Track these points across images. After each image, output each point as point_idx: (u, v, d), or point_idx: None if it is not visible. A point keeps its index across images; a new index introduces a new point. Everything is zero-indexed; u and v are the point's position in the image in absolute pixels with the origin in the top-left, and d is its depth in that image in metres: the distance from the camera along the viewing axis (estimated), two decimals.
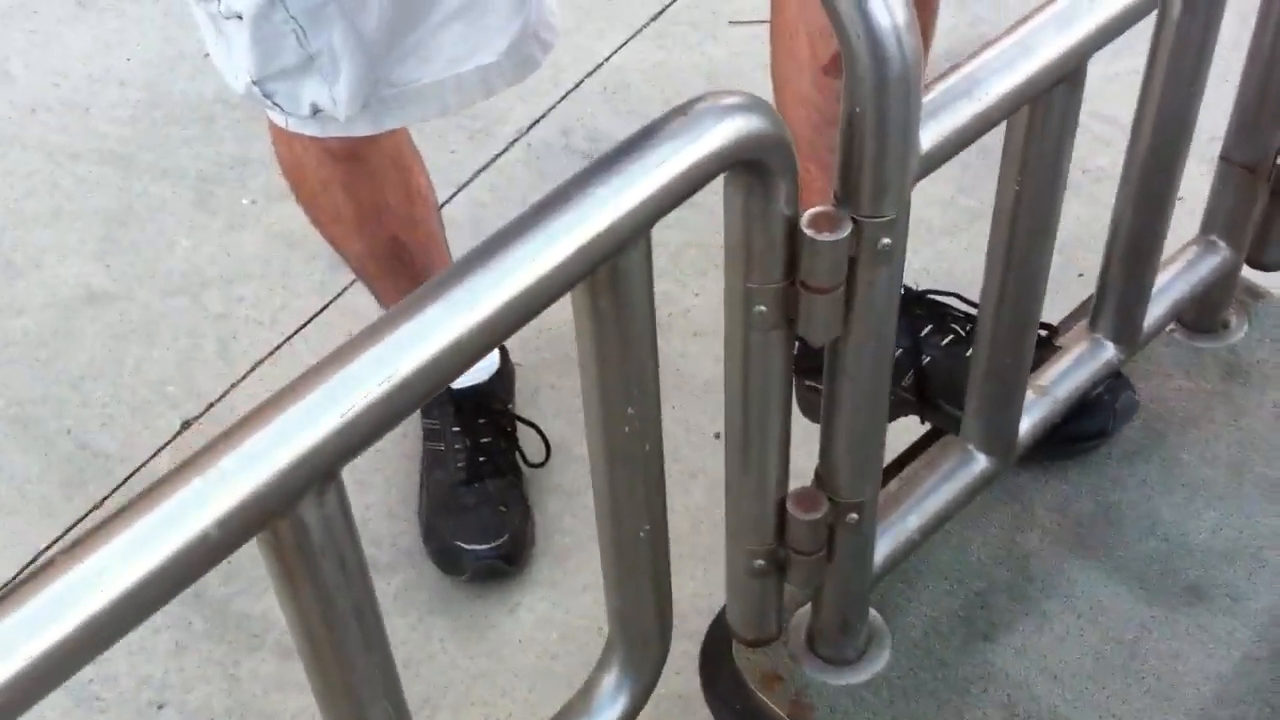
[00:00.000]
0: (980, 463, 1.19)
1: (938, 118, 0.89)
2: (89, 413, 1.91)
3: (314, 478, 0.66)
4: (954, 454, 1.19)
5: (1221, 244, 1.34)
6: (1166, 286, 1.31)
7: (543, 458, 1.73)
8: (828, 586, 1.12)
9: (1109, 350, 1.26)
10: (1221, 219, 1.33)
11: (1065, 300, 1.41)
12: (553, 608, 1.66)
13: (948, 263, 1.98)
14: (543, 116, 2.27)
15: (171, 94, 2.37)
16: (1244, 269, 1.39)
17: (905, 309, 1.37)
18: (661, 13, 2.43)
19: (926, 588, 1.24)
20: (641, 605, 1.00)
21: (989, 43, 0.92)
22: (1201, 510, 1.28)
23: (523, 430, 1.75)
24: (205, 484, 0.62)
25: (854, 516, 1.04)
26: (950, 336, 1.42)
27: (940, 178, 0.93)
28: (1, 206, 2.20)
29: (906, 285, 1.38)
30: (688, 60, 2.35)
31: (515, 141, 2.24)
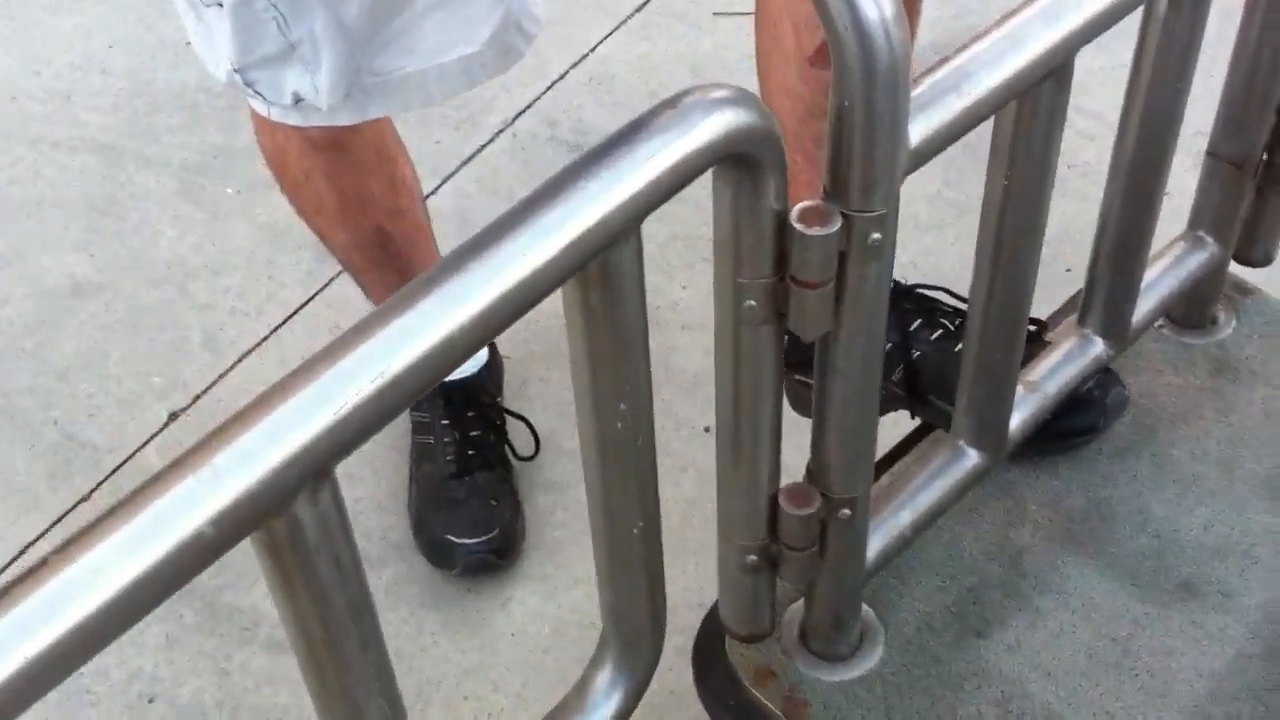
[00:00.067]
0: (971, 458, 1.19)
1: (926, 112, 0.88)
2: (75, 404, 1.90)
3: (307, 476, 0.66)
4: (945, 449, 1.19)
5: (1209, 240, 1.34)
6: (1155, 282, 1.31)
7: (532, 451, 1.73)
8: (820, 582, 1.12)
9: (1098, 346, 1.27)
10: (1209, 215, 1.33)
11: (1053, 296, 1.41)
12: (544, 601, 1.65)
13: (934, 257, 1.98)
14: (528, 107, 2.27)
15: (154, 82, 2.36)
16: (1232, 265, 1.39)
17: (895, 303, 1.37)
18: (646, 3, 2.43)
19: (919, 583, 1.24)
20: (635, 602, 1.00)
21: (977, 36, 0.92)
22: (1193, 507, 1.28)
23: (512, 423, 1.74)
24: (199, 482, 0.61)
25: (846, 512, 1.04)
26: (940, 331, 1.42)
27: (925, 172, 0.93)
28: None
29: (895, 279, 1.38)
30: (673, 51, 2.35)
31: (501, 132, 2.23)
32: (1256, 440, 1.33)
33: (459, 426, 1.69)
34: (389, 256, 1.60)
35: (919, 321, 1.43)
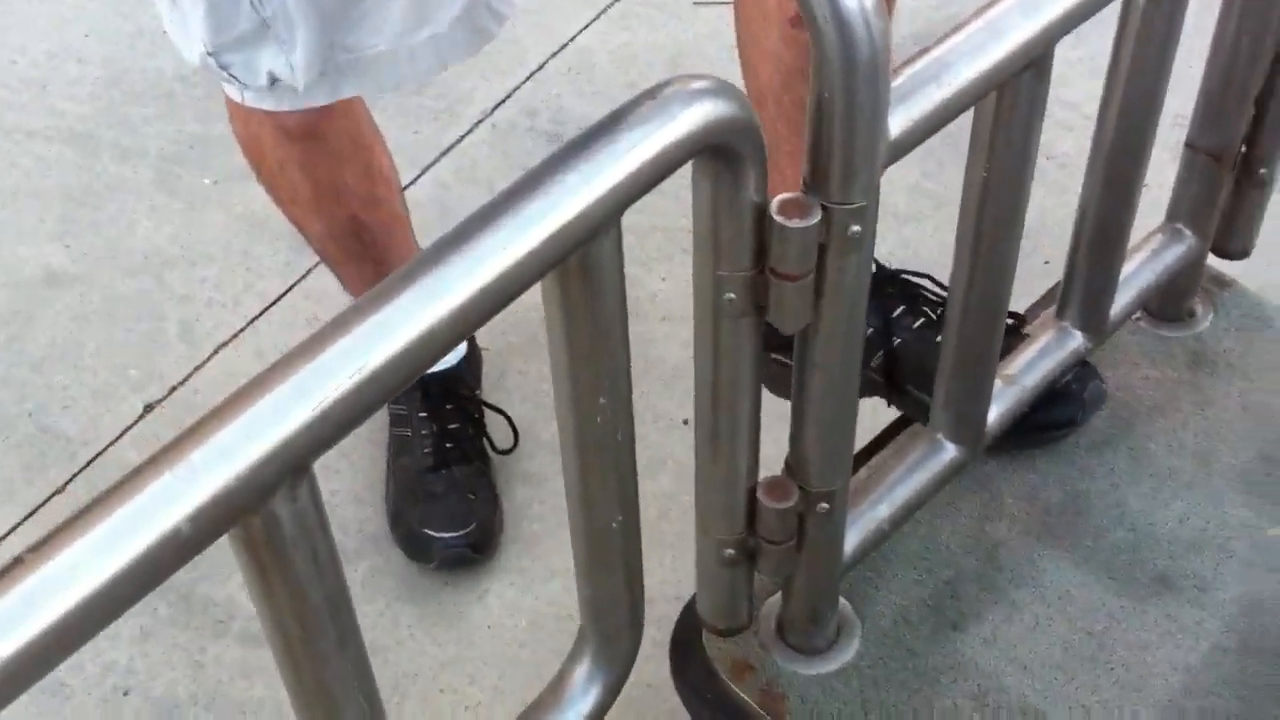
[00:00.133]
0: (949, 452, 1.19)
1: (906, 103, 0.88)
2: (50, 395, 1.89)
3: (286, 472, 0.65)
4: (923, 443, 1.19)
5: (1187, 232, 1.34)
6: (1133, 275, 1.32)
7: (510, 444, 1.73)
8: (798, 576, 1.12)
9: (1076, 339, 1.27)
10: (1187, 207, 1.34)
11: (1032, 288, 1.42)
12: (521, 594, 1.65)
13: (913, 249, 1.98)
14: (507, 97, 2.26)
15: (130, 71, 2.34)
16: (1210, 258, 1.39)
17: (877, 289, 1.36)
18: None
19: (896, 577, 1.24)
20: (614, 597, 0.99)
21: (956, 27, 0.92)
22: (1169, 500, 1.29)
23: (490, 416, 1.74)
24: (176, 479, 0.61)
25: (824, 506, 1.04)
26: (922, 320, 1.42)
27: (904, 163, 0.93)
28: None
29: (879, 263, 1.37)
30: (653, 41, 2.34)
31: (480, 123, 2.23)
32: (1233, 434, 1.33)
33: (437, 419, 1.68)
34: (364, 247, 1.59)
35: (901, 308, 1.43)
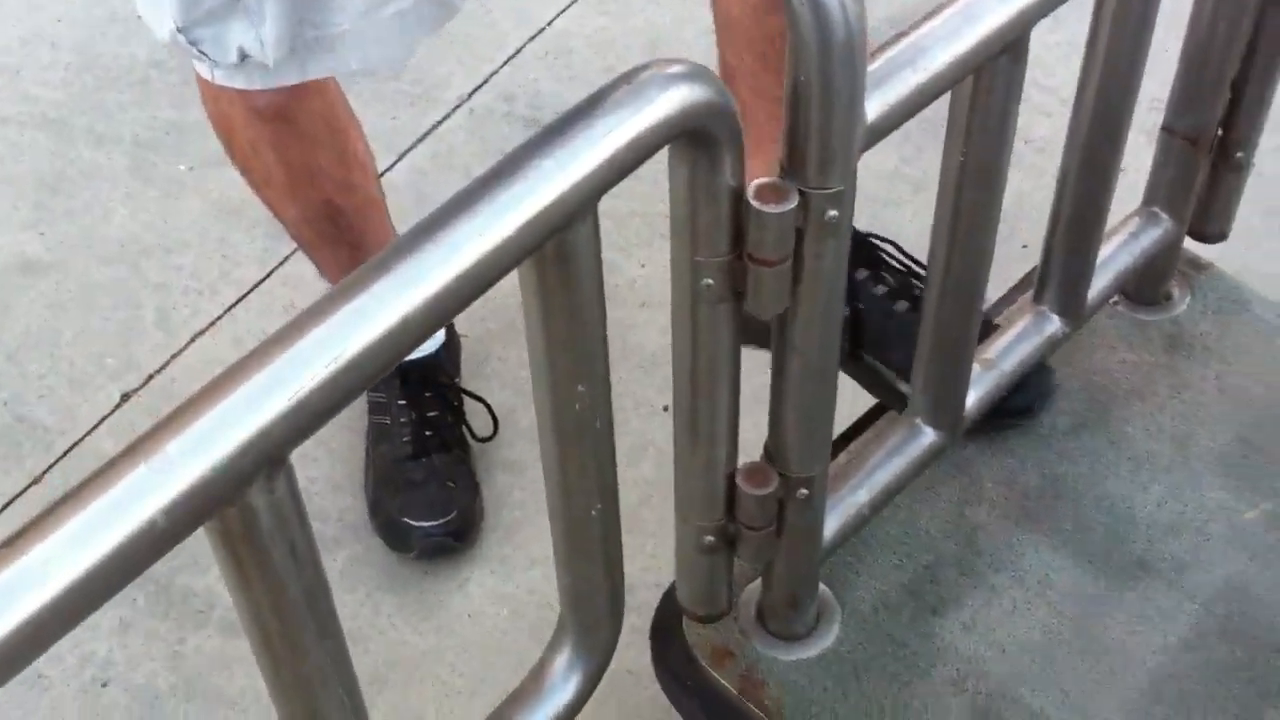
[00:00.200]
0: (928, 436, 1.19)
1: (883, 87, 0.88)
2: (26, 385, 1.87)
3: (262, 463, 0.65)
4: (902, 428, 1.19)
5: (1164, 215, 1.35)
6: (1110, 258, 1.32)
7: (490, 431, 1.72)
8: (778, 562, 1.12)
9: (1054, 323, 1.27)
10: (1164, 190, 1.34)
11: (1009, 272, 1.42)
12: (502, 583, 1.65)
13: (892, 233, 1.96)
14: (484, 82, 2.25)
15: (104, 57, 2.32)
16: (1186, 241, 1.40)
17: None
18: None
19: (876, 562, 1.24)
20: (593, 585, 0.99)
21: (932, 11, 0.92)
22: (1147, 483, 1.29)
23: (470, 404, 1.73)
24: (151, 471, 0.60)
25: (804, 491, 1.04)
26: (885, 288, 1.42)
27: (882, 148, 0.92)
28: None
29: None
30: (630, 25, 2.33)
31: (457, 108, 2.22)
32: (1210, 417, 1.34)
33: (416, 407, 1.67)
34: (340, 231, 1.58)
35: (866, 274, 1.43)
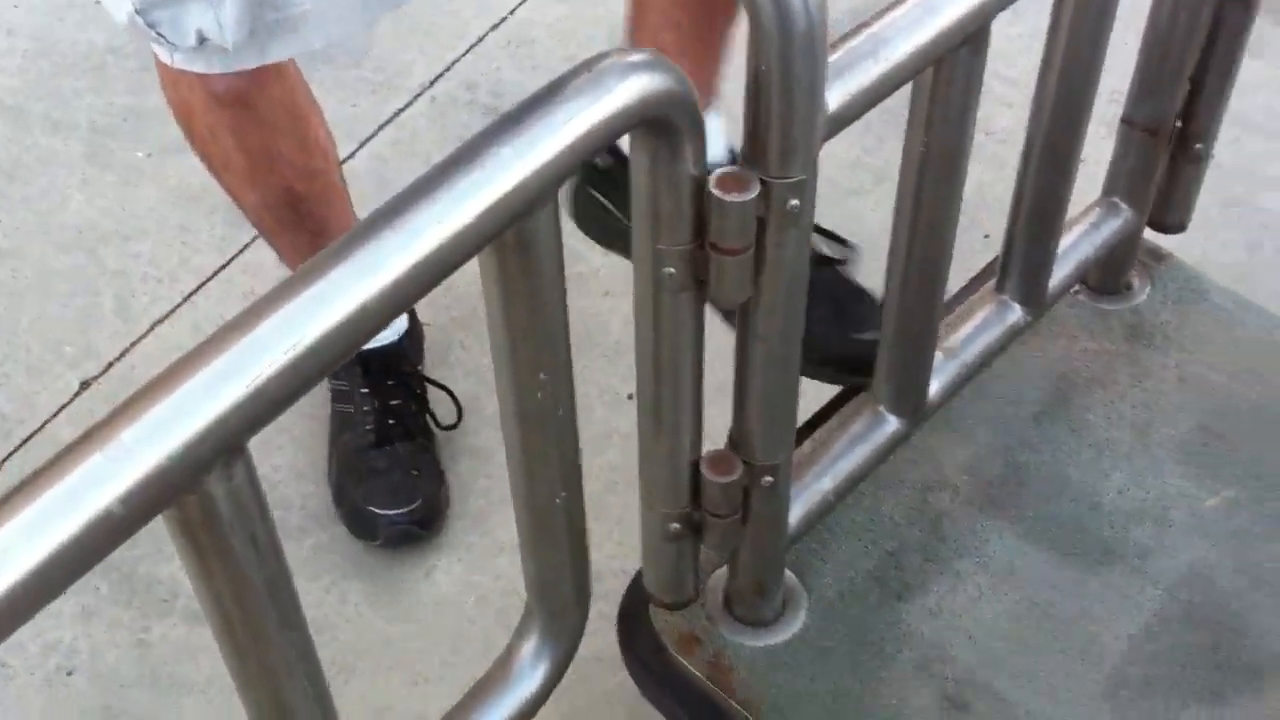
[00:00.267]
0: (892, 424, 1.20)
1: (844, 77, 0.88)
2: None
3: (220, 450, 0.64)
4: (866, 415, 1.20)
5: (1124, 206, 1.35)
6: (1071, 248, 1.32)
7: (454, 419, 1.72)
8: (743, 549, 1.12)
9: (1015, 312, 1.28)
10: (1124, 181, 1.35)
11: (972, 263, 1.42)
12: (469, 570, 1.65)
13: (856, 222, 1.97)
14: (446, 70, 2.24)
15: (61, 43, 2.30)
16: (1146, 231, 1.40)
17: None
18: None
19: (840, 548, 1.24)
20: (559, 572, 0.99)
21: (894, 2, 0.92)
22: (1109, 471, 1.30)
23: (434, 392, 1.73)
24: (106, 459, 0.60)
25: (769, 479, 1.04)
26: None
27: (845, 138, 0.93)
28: None
29: None
30: (592, 14, 2.33)
31: (419, 96, 2.21)
32: (1170, 405, 1.35)
33: (379, 395, 1.67)
34: (300, 218, 1.57)
35: None
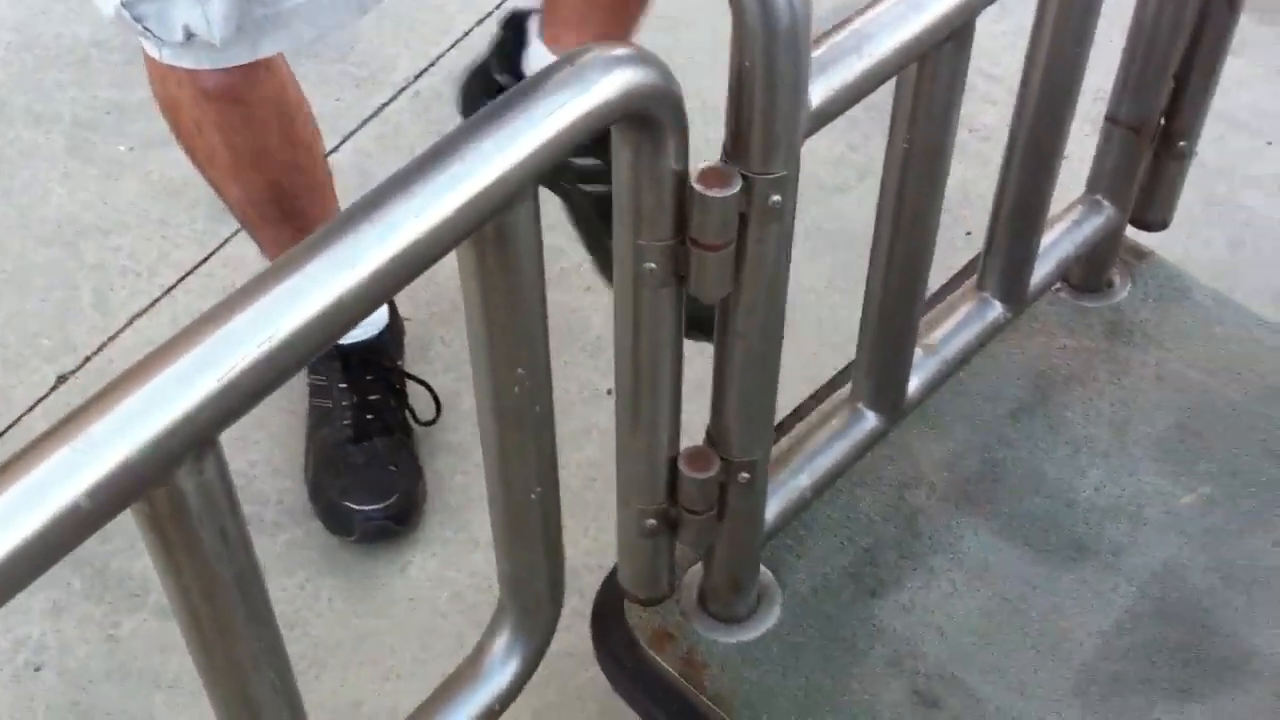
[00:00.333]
0: (870, 421, 1.19)
1: (827, 73, 0.88)
2: None
3: (190, 445, 0.63)
4: (844, 412, 1.20)
5: (1106, 204, 1.35)
6: (1052, 245, 1.32)
7: (433, 415, 1.71)
8: (719, 545, 1.12)
9: (996, 309, 1.27)
10: (1106, 179, 1.35)
11: (954, 260, 1.42)
12: (444, 566, 1.64)
13: (840, 220, 1.98)
14: (431, 65, 2.23)
15: (44, 36, 2.29)
16: (1128, 229, 1.41)
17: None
18: None
19: (816, 545, 1.24)
20: (533, 569, 0.99)
21: None
22: (1085, 468, 1.30)
23: (413, 387, 1.72)
24: (74, 453, 0.59)
25: (745, 475, 1.04)
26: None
27: (830, 134, 0.92)
28: None
29: None
30: None
31: (403, 90, 2.20)
32: (1148, 402, 1.35)
33: (357, 390, 1.66)
34: (284, 213, 1.56)
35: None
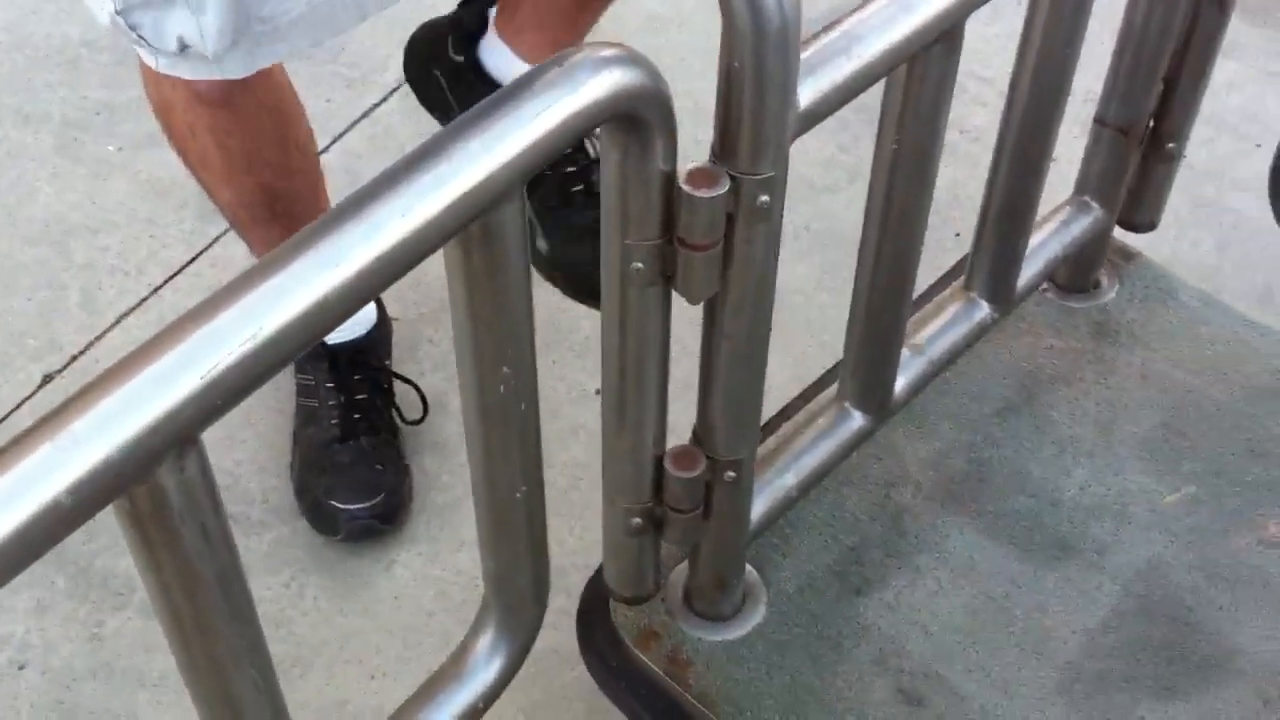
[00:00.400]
0: (856, 420, 1.20)
1: (816, 74, 0.88)
2: None
3: (172, 442, 0.63)
4: (831, 411, 1.20)
5: (1094, 205, 1.36)
6: (1040, 246, 1.33)
7: (420, 414, 1.71)
8: (705, 544, 1.12)
9: (983, 309, 1.28)
10: (1095, 180, 1.35)
11: (943, 261, 1.43)
12: (429, 564, 1.64)
13: (829, 220, 1.98)
14: None
15: (35, 36, 2.29)
16: (1116, 230, 1.41)
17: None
18: None
19: (802, 543, 1.24)
20: (518, 567, 0.99)
21: (867, 0, 0.92)
22: (1070, 467, 1.30)
23: (400, 386, 1.72)
24: (56, 450, 0.59)
25: (731, 474, 1.04)
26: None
27: (820, 135, 0.92)
28: None
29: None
30: None
31: (393, 91, 2.20)
32: (1134, 402, 1.35)
33: (344, 390, 1.66)
34: (275, 215, 1.56)
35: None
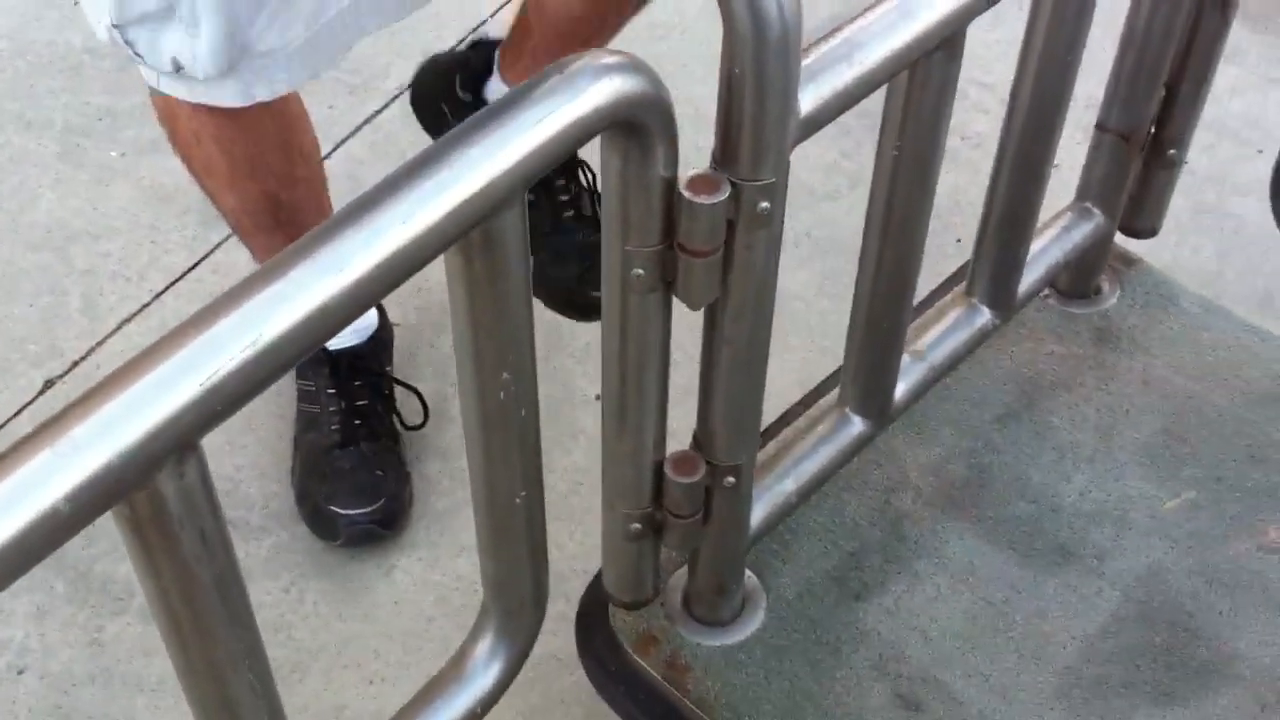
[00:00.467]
0: (857, 426, 1.20)
1: (817, 81, 0.88)
2: None
3: (171, 449, 0.63)
4: (831, 417, 1.20)
5: (1096, 211, 1.36)
6: (1041, 252, 1.33)
7: (421, 420, 1.71)
8: (704, 549, 1.12)
9: (984, 315, 1.28)
10: (1096, 186, 1.35)
11: (944, 267, 1.43)
12: (429, 569, 1.64)
13: (830, 227, 1.98)
14: None
15: (37, 43, 2.29)
16: (1117, 236, 1.41)
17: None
18: None
19: (801, 548, 1.24)
20: (517, 572, 0.99)
21: (869, 7, 0.92)
22: (1070, 473, 1.30)
23: (401, 392, 1.72)
24: (55, 456, 0.59)
25: (731, 480, 1.04)
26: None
27: (822, 142, 0.93)
28: None
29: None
30: None
31: (395, 98, 2.20)
32: (1134, 408, 1.35)
33: (345, 396, 1.66)
34: (278, 223, 1.57)
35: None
